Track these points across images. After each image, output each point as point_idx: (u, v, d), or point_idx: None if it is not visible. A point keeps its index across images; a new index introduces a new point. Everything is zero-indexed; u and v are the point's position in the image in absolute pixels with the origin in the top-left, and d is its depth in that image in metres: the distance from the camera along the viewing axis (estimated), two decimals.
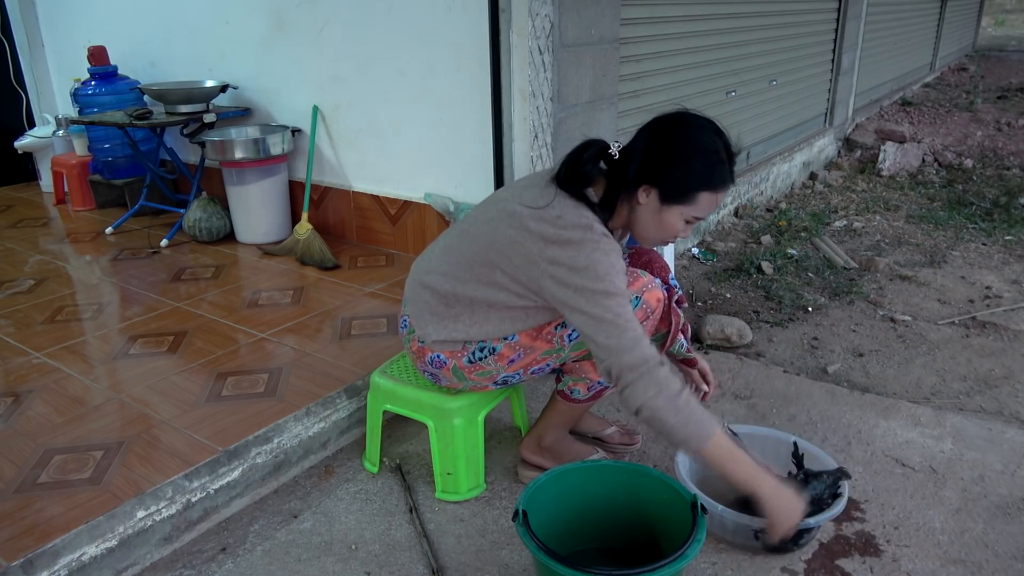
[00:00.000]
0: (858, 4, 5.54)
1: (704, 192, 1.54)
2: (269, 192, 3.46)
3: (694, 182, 1.54)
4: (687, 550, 1.34)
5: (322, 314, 2.70)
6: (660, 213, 1.57)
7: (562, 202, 1.56)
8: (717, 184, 1.55)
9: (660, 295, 1.72)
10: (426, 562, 1.68)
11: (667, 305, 1.79)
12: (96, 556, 1.59)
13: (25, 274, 3.20)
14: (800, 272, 3.49)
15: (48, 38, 4.59)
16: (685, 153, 1.54)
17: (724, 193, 1.58)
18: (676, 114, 1.59)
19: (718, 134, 1.57)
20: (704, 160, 1.53)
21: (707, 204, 1.56)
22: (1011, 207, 4.45)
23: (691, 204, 1.56)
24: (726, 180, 1.56)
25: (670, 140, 1.56)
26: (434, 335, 1.72)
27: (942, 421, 2.22)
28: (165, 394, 2.16)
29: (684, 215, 1.57)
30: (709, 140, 1.55)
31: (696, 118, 1.58)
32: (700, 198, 1.55)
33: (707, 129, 1.56)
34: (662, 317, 1.80)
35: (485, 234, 1.64)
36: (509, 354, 1.71)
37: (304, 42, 3.32)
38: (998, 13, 21.33)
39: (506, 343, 1.70)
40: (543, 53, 2.64)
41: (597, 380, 1.76)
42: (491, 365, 1.73)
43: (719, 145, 1.55)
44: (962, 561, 1.67)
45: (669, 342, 1.85)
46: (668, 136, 1.56)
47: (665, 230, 1.60)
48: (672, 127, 1.57)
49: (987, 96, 8.19)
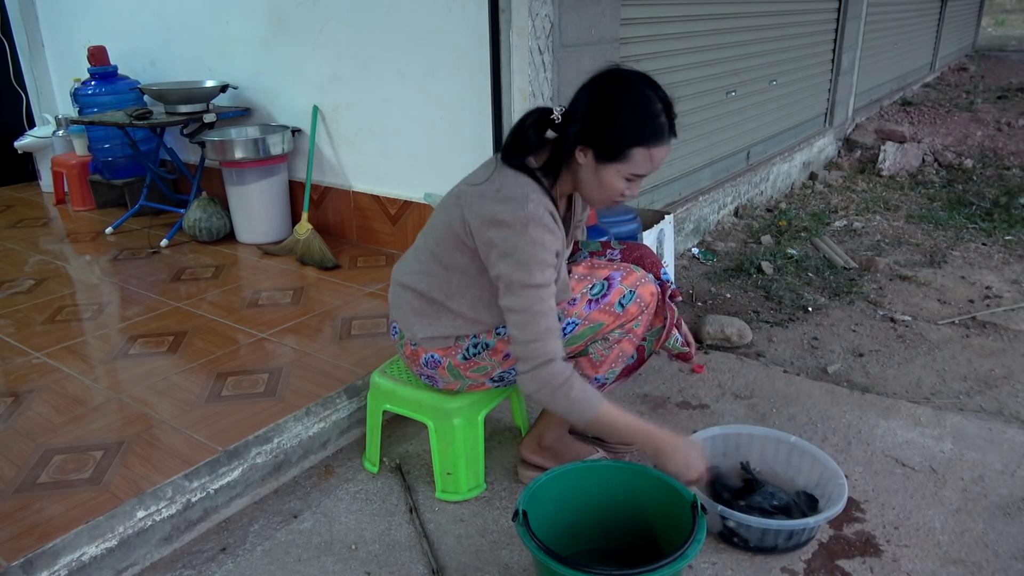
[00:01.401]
0: (858, 4, 5.54)
1: (637, 148, 1.50)
2: (269, 192, 3.46)
3: (625, 139, 1.50)
4: (687, 550, 1.34)
5: (322, 314, 2.70)
6: (598, 173, 1.55)
7: (502, 173, 1.57)
8: (650, 139, 1.50)
9: (654, 289, 1.73)
10: (426, 562, 1.68)
11: (661, 300, 1.80)
12: (96, 556, 1.59)
13: (25, 274, 3.20)
14: (800, 272, 3.49)
15: (48, 38, 4.59)
16: (613, 109, 1.50)
17: (661, 148, 1.52)
18: (606, 71, 1.55)
19: (652, 87, 1.52)
20: (633, 115, 1.49)
21: (643, 161, 1.52)
22: (1011, 207, 4.45)
23: (626, 162, 1.52)
24: (660, 134, 1.51)
25: (599, 97, 1.52)
26: (421, 333, 1.73)
27: (942, 421, 2.22)
28: (165, 394, 2.16)
29: (621, 173, 1.54)
30: (639, 94, 1.50)
31: (627, 72, 1.55)
32: (634, 155, 1.51)
33: (637, 83, 1.52)
34: (656, 312, 1.81)
35: (440, 221, 1.68)
36: (503, 348, 1.71)
37: (304, 42, 3.32)
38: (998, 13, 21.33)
39: (499, 338, 1.70)
40: (543, 53, 2.64)
41: (594, 376, 1.76)
42: (486, 360, 1.73)
43: (651, 98, 1.50)
44: (962, 561, 1.67)
45: (664, 336, 1.86)
46: (598, 94, 1.52)
47: (606, 190, 1.57)
48: (602, 84, 1.53)
49: (987, 96, 8.19)
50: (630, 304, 1.69)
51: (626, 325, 1.71)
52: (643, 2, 3.20)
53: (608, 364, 1.76)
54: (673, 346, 1.98)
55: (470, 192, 1.60)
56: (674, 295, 1.88)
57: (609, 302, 1.68)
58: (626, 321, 1.70)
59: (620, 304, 1.68)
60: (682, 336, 1.99)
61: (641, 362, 1.88)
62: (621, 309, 1.69)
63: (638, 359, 1.86)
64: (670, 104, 1.53)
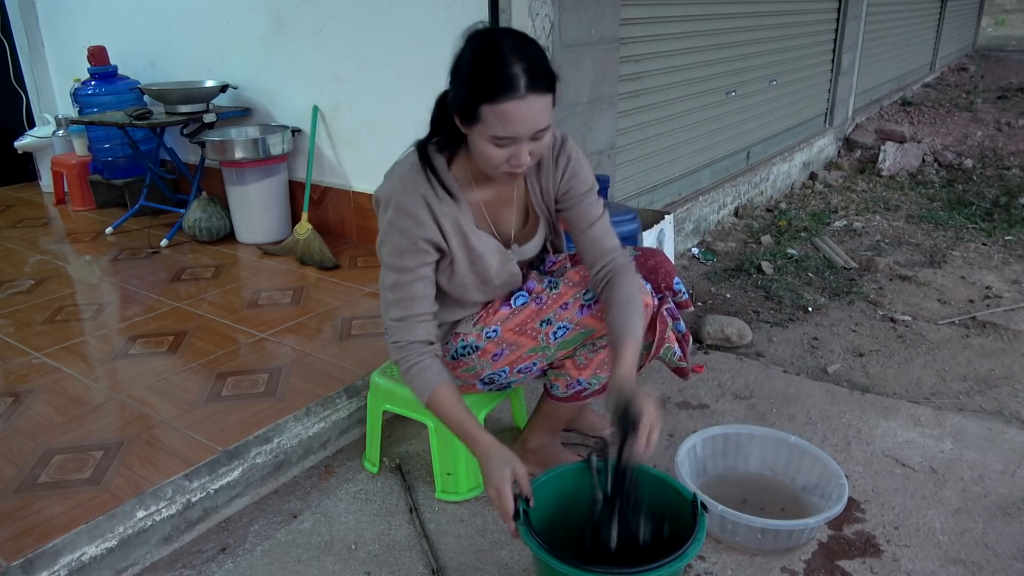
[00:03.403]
0: (858, 4, 5.54)
1: (484, 106, 1.34)
2: (269, 192, 3.46)
3: (469, 96, 1.36)
4: (688, 549, 1.34)
5: (322, 314, 2.70)
6: (472, 141, 1.43)
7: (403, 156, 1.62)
8: (491, 93, 1.32)
9: (648, 300, 1.66)
10: (426, 562, 1.68)
11: (655, 313, 1.72)
12: (96, 556, 1.59)
13: (25, 274, 3.20)
14: (800, 272, 3.49)
15: (48, 38, 4.59)
16: (456, 66, 1.39)
17: (511, 103, 1.33)
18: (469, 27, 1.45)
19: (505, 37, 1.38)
20: (471, 67, 1.36)
21: (495, 119, 1.35)
22: (1011, 207, 4.45)
23: (480, 122, 1.37)
24: (505, 87, 1.32)
25: (454, 57, 1.41)
26: None
27: (942, 421, 2.22)
28: (165, 394, 2.16)
29: (483, 136, 1.39)
30: (486, 46, 1.36)
31: (483, 29, 1.42)
32: (483, 113, 1.35)
33: (489, 36, 1.39)
34: (649, 326, 1.71)
35: None
36: (493, 349, 1.70)
37: (304, 42, 3.32)
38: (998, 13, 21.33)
39: (489, 340, 1.69)
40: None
41: (577, 378, 1.74)
42: (475, 361, 1.72)
43: (500, 50, 1.34)
44: (962, 561, 1.67)
45: (654, 352, 1.76)
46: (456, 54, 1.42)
47: (483, 159, 1.43)
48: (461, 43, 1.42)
49: (987, 96, 8.19)
50: None
51: None
52: (643, 2, 3.20)
53: (592, 368, 1.72)
54: (670, 359, 1.85)
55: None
56: (684, 305, 1.83)
57: (600, 309, 1.64)
58: None
59: None
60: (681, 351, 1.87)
61: None
62: None
63: None
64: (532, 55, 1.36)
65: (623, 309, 1.58)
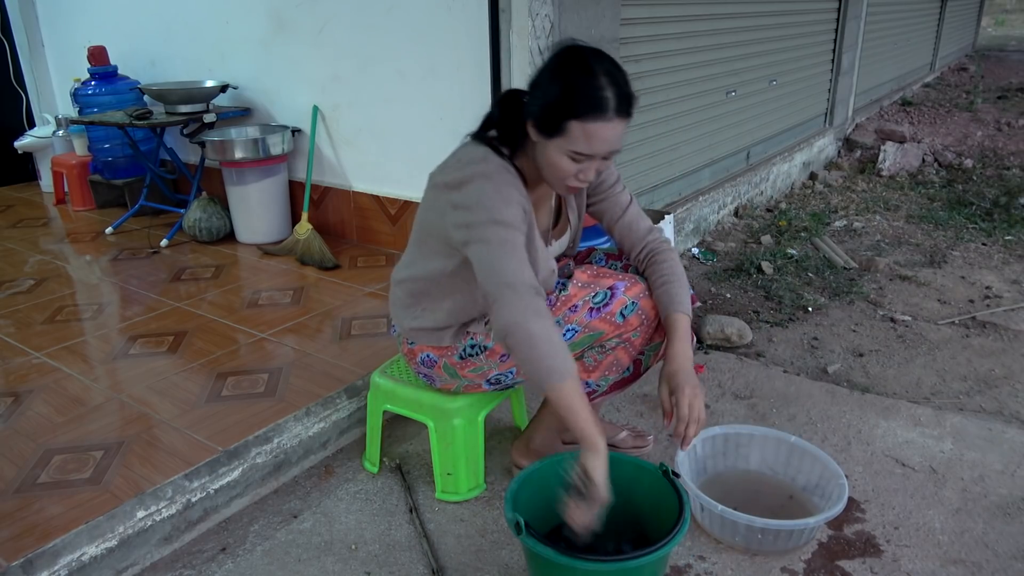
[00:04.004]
0: (858, 4, 5.54)
1: (572, 121, 1.40)
2: (269, 192, 3.46)
3: (560, 110, 1.40)
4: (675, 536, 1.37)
5: (322, 314, 2.70)
6: (545, 150, 1.47)
7: (462, 148, 1.59)
8: (583, 111, 1.38)
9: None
10: (426, 562, 1.68)
11: None
12: (96, 556, 1.59)
13: (25, 274, 3.20)
14: (800, 272, 3.49)
15: (48, 38, 4.59)
16: (550, 80, 1.43)
17: (599, 123, 1.40)
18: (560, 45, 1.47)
19: (599, 59, 1.42)
20: (566, 82, 1.40)
21: (580, 136, 1.41)
22: (1011, 207, 4.45)
23: (563, 136, 1.42)
24: (597, 108, 1.38)
25: (544, 68, 1.45)
26: (408, 323, 1.74)
27: (942, 421, 2.22)
28: (165, 394, 2.16)
29: (562, 150, 1.44)
30: (581, 65, 1.41)
31: (577, 46, 1.45)
32: (570, 128, 1.41)
33: (584, 55, 1.43)
34: (658, 327, 1.73)
35: (419, 211, 1.70)
36: (501, 350, 1.70)
37: (304, 42, 3.32)
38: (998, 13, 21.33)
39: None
40: (543, 53, 2.64)
41: (586, 380, 1.74)
42: (483, 361, 1.72)
43: (594, 70, 1.40)
44: (962, 561, 1.67)
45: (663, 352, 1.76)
46: (545, 65, 1.46)
47: (553, 169, 1.48)
48: (552, 56, 1.46)
49: (987, 96, 8.19)
50: (631, 315, 1.66)
51: (624, 335, 1.68)
52: (643, 2, 3.20)
53: (601, 371, 1.73)
54: None
55: (435, 171, 1.62)
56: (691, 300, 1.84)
57: (611, 311, 1.65)
58: (624, 331, 1.67)
59: (621, 314, 1.65)
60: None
61: (636, 376, 1.83)
62: (622, 319, 1.65)
63: (634, 372, 1.83)
64: (621, 81, 1.42)
65: (670, 284, 1.67)
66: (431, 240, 1.65)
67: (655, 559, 1.34)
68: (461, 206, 1.50)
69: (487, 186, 1.47)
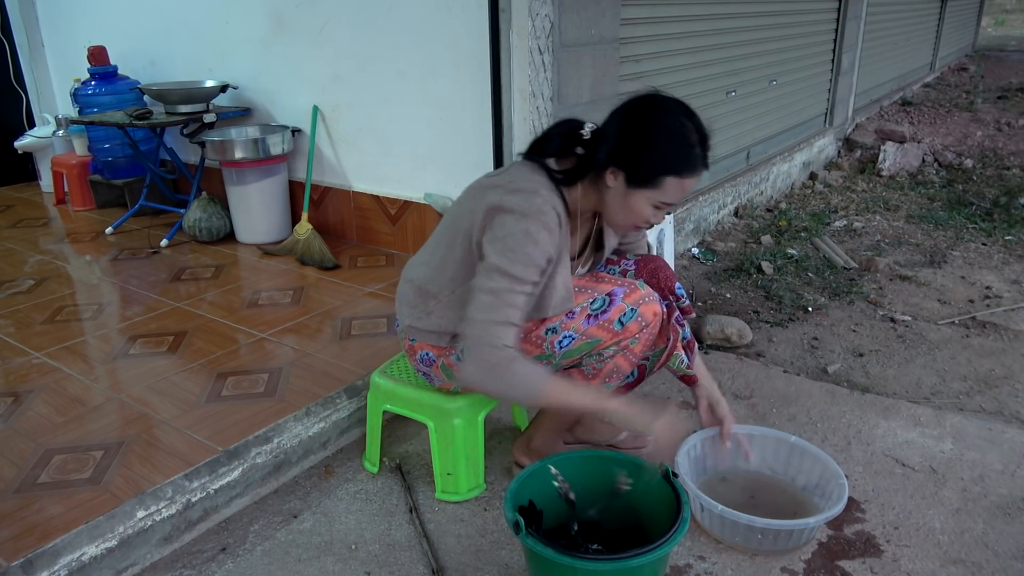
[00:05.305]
0: (858, 4, 5.54)
1: (670, 177, 1.50)
2: (269, 192, 3.46)
3: (660, 167, 1.50)
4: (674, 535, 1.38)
5: (322, 314, 2.70)
6: (627, 197, 1.54)
7: (519, 167, 1.59)
8: (683, 169, 1.51)
9: (658, 309, 1.68)
10: (426, 562, 1.68)
11: (665, 320, 1.75)
12: (96, 556, 1.59)
13: (25, 274, 3.20)
14: (800, 272, 3.49)
15: (48, 38, 4.59)
16: (652, 136, 1.50)
17: (693, 179, 1.54)
18: (646, 96, 1.55)
19: (688, 116, 1.53)
20: (671, 144, 1.50)
21: (674, 190, 1.52)
22: (1011, 207, 4.45)
23: (657, 189, 1.52)
24: (694, 165, 1.52)
25: (638, 123, 1.52)
26: (410, 322, 1.74)
27: (942, 421, 2.22)
28: (165, 394, 2.16)
29: (651, 200, 1.54)
30: (677, 124, 1.51)
31: (666, 100, 1.54)
32: (666, 183, 1.51)
33: (676, 112, 1.52)
34: (660, 332, 1.74)
35: (453, 213, 1.68)
36: None
37: (304, 42, 3.32)
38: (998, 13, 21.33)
39: None
40: (543, 53, 2.64)
41: None
42: None
43: (688, 128, 1.51)
44: (962, 561, 1.67)
45: (665, 358, 1.80)
46: (637, 119, 1.53)
47: (632, 215, 1.57)
48: (642, 109, 1.53)
49: (987, 96, 8.20)
50: (630, 322, 1.64)
51: (622, 343, 1.67)
52: (643, 2, 3.20)
53: (600, 378, 1.72)
54: (678, 367, 1.88)
55: (486, 183, 1.61)
56: (687, 311, 1.84)
57: (609, 319, 1.64)
58: (623, 339, 1.66)
59: (620, 322, 1.64)
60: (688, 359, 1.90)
61: (641, 380, 1.85)
62: (620, 327, 1.64)
63: (638, 377, 1.83)
64: (706, 136, 1.53)
65: None
66: (458, 247, 1.62)
67: (655, 559, 1.35)
68: (495, 233, 1.50)
69: (518, 231, 1.48)
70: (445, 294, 1.66)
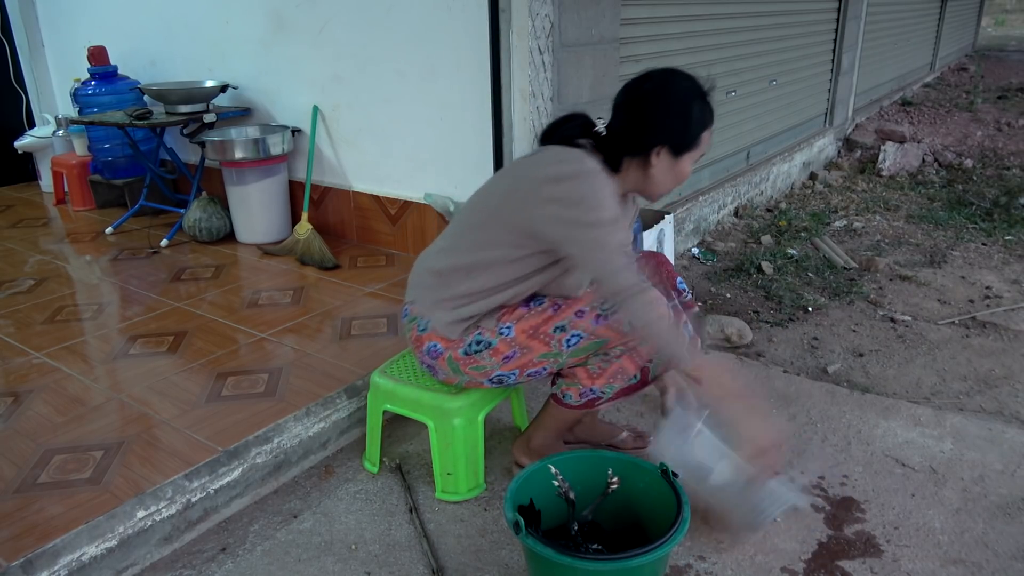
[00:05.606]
0: (858, 4, 5.54)
1: (705, 132, 1.67)
2: (269, 192, 3.46)
3: (697, 127, 1.65)
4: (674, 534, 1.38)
5: (322, 314, 2.70)
6: (675, 165, 1.67)
7: (555, 148, 1.66)
8: (710, 119, 1.68)
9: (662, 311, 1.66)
10: (426, 562, 1.68)
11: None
12: (96, 556, 1.59)
13: (25, 274, 3.20)
14: (800, 272, 3.49)
15: (48, 38, 4.59)
16: (682, 107, 1.64)
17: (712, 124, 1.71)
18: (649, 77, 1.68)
19: (686, 76, 1.68)
20: (698, 104, 1.65)
21: (707, 138, 1.69)
22: (1011, 207, 4.45)
23: (698, 147, 1.68)
24: (712, 111, 1.70)
25: (664, 101, 1.65)
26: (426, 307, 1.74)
27: (942, 421, 2.22)
28: (165, 394, 2.16)
29: (693, 158, 1.69)
30: (689, 84, 1.67)
31: (666, 72, 1.69)
32: (703, 138, 1.67)
33: (679, 75, 1.68)
34: None
35: (483, 196, 1.74)
36: (504, 350, 1.70)
37: (304, 42, 3.32)
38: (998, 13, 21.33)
39: (502, 338, 1.69)
40: (543, 53, 2.64)
41: (590, 387, 1.74)
42: (486, 360, 1.72)
43: (696, 84, 1.67)
44: (962, 561, 1.67)
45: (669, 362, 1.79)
46: (659, 99, 1.65)
47: (679, 177, 1.71)
48: (657, 90, 1.67)
49: (987, 96, 8.20)
50: None
51: (630, 343, 1.67)
52: (643, 2, 3.20)
53: (605, 378, 1.72)
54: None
55: (524, 163, 1.71)
56: (689, 305, 1.84)
57: (618, 319, 1.64)
58: (631, 340, 1.66)
59: (629, 323, 1.64)
60: None
61: (644, 383, 1.84)
62: (629, 327, 1.65)
63: (641, 380, 1.83)
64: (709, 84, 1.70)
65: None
66: (497, 228, 1.66)
67: (655, 559, 1.35)
68: (564, 201, 1.56)
69: (588, 188, 1.57)
70: (473, 272, 1.68)
